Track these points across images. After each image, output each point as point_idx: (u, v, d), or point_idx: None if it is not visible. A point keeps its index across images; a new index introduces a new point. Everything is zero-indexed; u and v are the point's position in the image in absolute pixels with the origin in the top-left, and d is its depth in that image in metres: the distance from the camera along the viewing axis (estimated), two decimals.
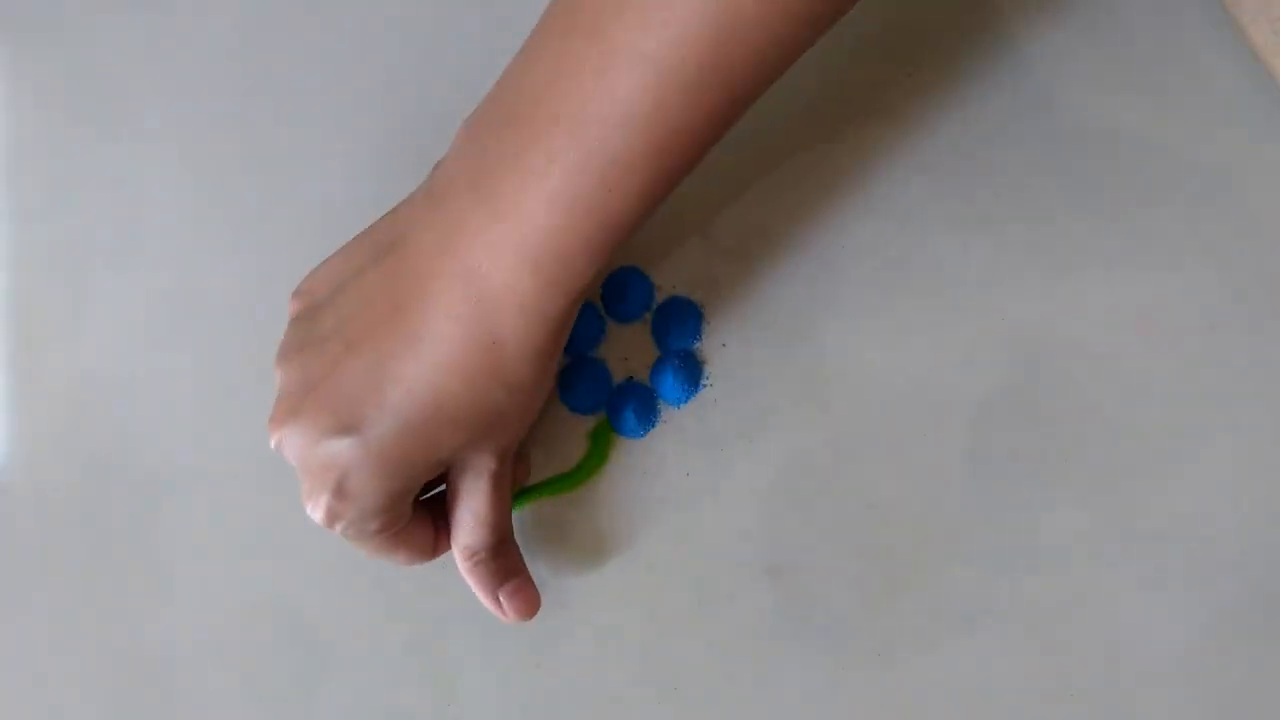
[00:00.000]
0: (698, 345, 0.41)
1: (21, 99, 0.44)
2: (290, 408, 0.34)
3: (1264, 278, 0.41)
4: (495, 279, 0.33)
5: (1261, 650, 0.39)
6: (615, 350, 0.41)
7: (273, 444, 0.35)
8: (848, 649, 0.39)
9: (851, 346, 0.41)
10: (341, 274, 0.36)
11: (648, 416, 0.40)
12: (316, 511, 0.34)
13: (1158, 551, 0.39)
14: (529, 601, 0.38)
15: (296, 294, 0.37)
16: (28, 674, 0.40)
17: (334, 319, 0.35)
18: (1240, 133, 0.42)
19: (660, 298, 0.41)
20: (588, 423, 0.41)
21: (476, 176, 0.33)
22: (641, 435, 0.40)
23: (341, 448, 0.33)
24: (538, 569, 0.40)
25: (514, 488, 0.39)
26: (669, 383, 0.40)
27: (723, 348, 0.41)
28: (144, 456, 0.41)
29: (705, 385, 0.41)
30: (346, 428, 0.33)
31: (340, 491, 0.34)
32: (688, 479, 0.40)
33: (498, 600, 0.37)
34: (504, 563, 0.37)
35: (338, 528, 0.35)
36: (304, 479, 0.35)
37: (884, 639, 0.39)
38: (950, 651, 0.39)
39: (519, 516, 0.40)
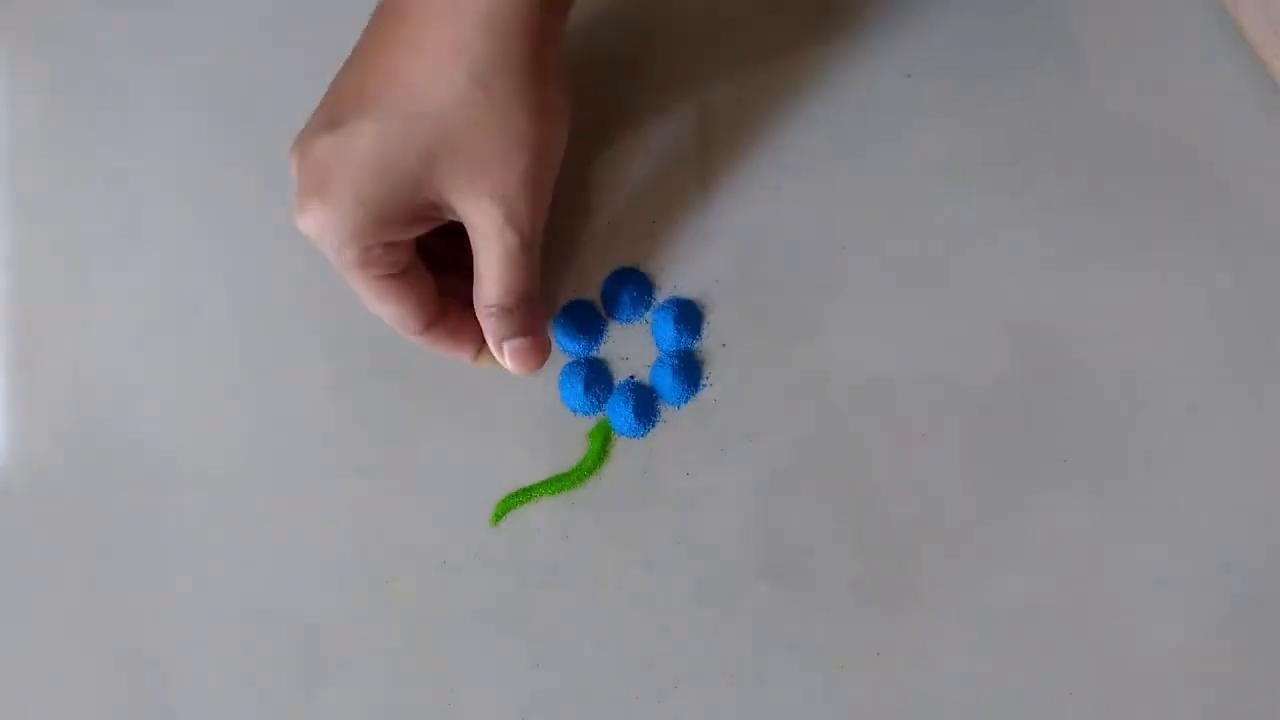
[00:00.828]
0: (698, 345, 0.41)
1: (21, 99, 0.44)
2: (306, 124, 0.35)
3: (1265, 275, 0.41)
4: None
5: (1262, 649, 0.39)
6: (615, 350, 0.41)
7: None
8: (848, 649, 0.39)
9: (851, 346, 0.41)
10: None
11: (648, 416, 0.40)
12: (301, 220, 0.34)
13: (1159, 550, 0.39)
14: (529, 360, 0.38)
15: None
16: (28, 674, 0.40)
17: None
18: (1240, 132, 0.42)
19: (660, 298, 0.41)
20: (588, 423, 0.41)
21: None
22: (641, 435, 0.40)
23: (327, 143, 0.33)
24: (538, 569, 0.40)
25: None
26: (669, 383, 0.40)
27: (723, 348, 0.41)
28: (144, 456, 0.41)
29: (705, 385, 0.41)
30: (332, 123, 0.33)
31: (322, 192, 0.33)
32: (688, 479, 0.40)
33: (501, 351, 0.38)
34: (517, 321, 0.37)
35: (322, 243, 0.34)
36: (296, 187, 0.34)
37: (884, 639, 0.39)
38: (950, 652, 0.39)
39: (519, 516, 0.40)
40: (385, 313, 0.36)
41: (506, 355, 0.38)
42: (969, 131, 0.42)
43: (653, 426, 0.40)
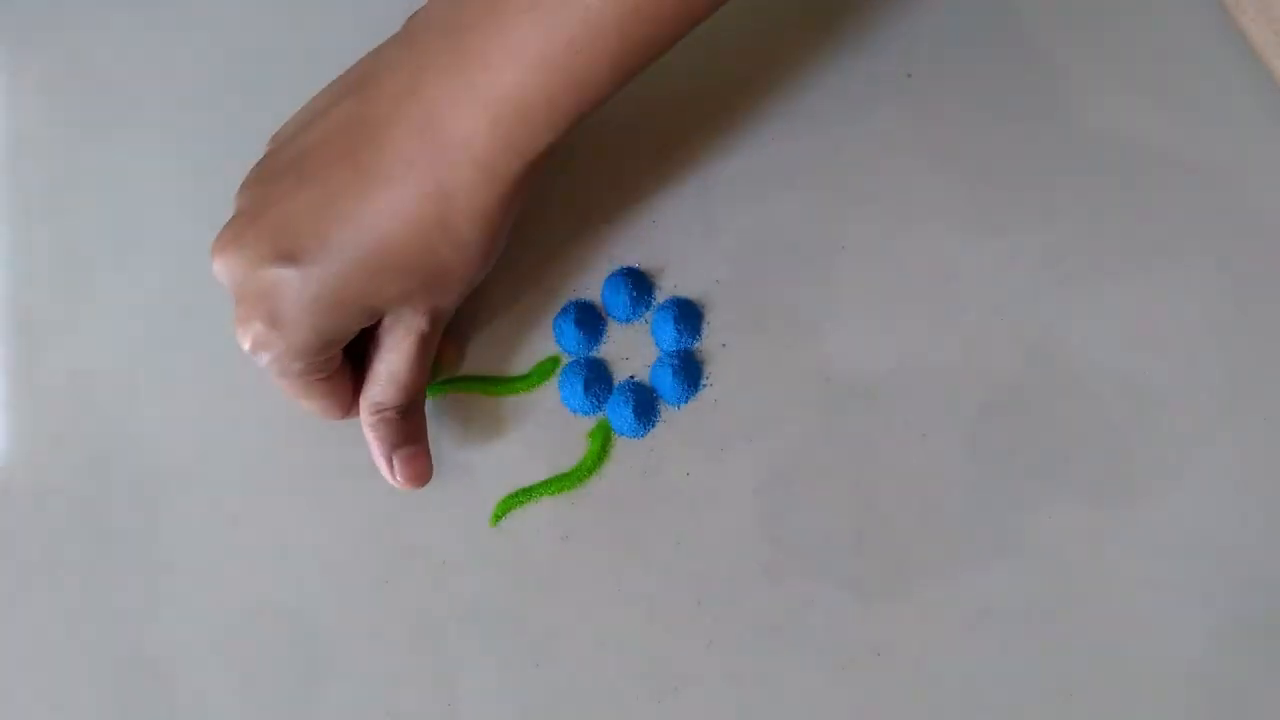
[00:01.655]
0: (698, 345, 0.41)
1: (21, 99, 0.44)
2: (235, 233, 0.35)
3: (1265, 277, 0.41)
4: (454, 129, 0.33)
5: (1261, 649, 0.39)
6: (615, 350, 0.41)
7: (215, 269, 0.35)
8: (848, 649, 0.39)
9: (851, 346, 0.41)
10: (311, 112, 0.36)
11: (648, 416, 0.40)
12: (245, 339, 0.35)
13: (1158, 550, 0.39)
14: (421, 471, 0.38)
15: (273, 136, 0.37)
16: (28, 674, 0.40)
17: (294, 153, 0.35)
18: (1241, 133, 0.42)
19: (660, 298, 0.41)
20: (588, 423, 0.41)
21: (450, 21, 0.34)
22: (641, 435, 0.40)
23: (280, 276, 0.34)
24: (538, 569, 0.40)
25: (443, 366, 0.40)
26: (669, 383, 0.40)
27: (723, 348, 0.41)
28: (144, 456, 0.41)
29: (705, 385, 0.41)
30: (288, 257, 0.34)
31: (273, 320, 0.34)
32: (688, 479, 0.40)
33: (390, 462, 0.38)
34: (406, 426, 0.38)
35: (264, 359, 0.35)
36: (238, 305, 0.35)
37: (884, 639, 0.39)
38: (950, 651, 0.39)
39: (519, 516, 0.40)
40: (312, 406, 0.37)
41: (398, 465, 0.38)
42: (970, 131, 0.42)
43: (653, 426, 0.40)
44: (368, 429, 0.37)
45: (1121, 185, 0.41)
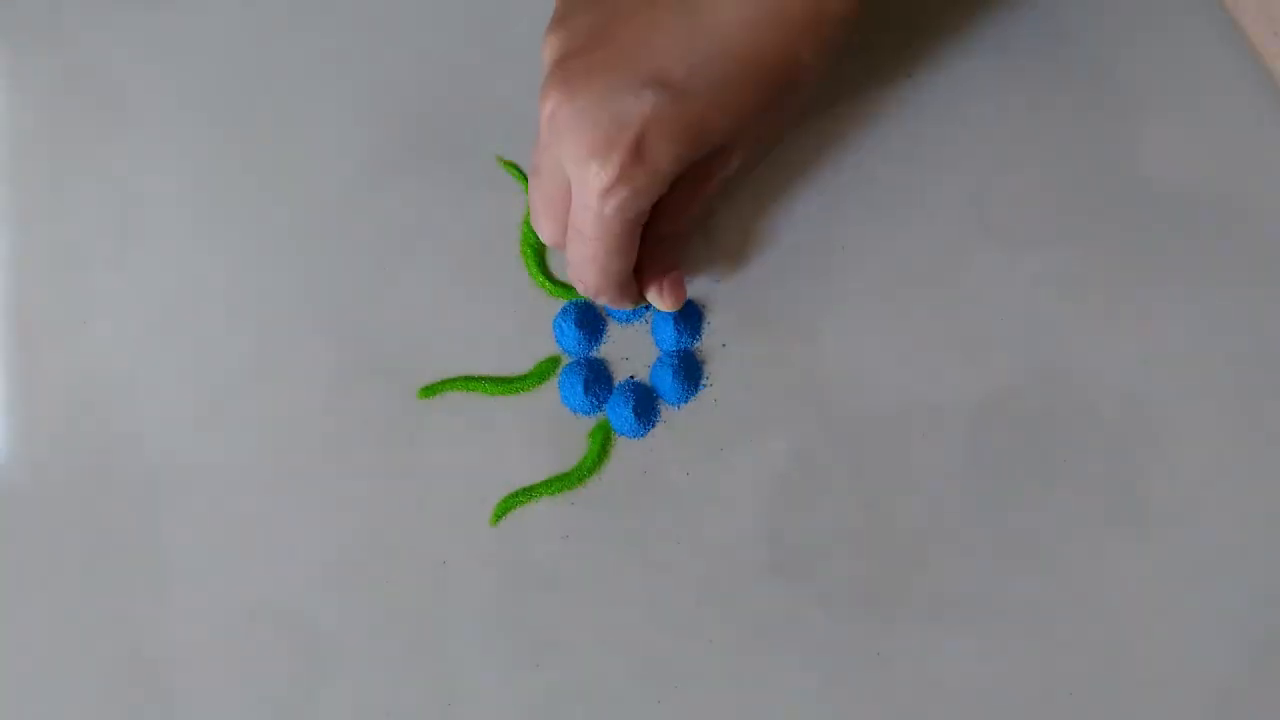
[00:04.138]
0: (698, 345, 0.41)
1: (21, 99, 0.44)
2: (581, 66, 0.32)
3: (1266, 282, 0.41)
4: None
5: (1261, 649, 0.39)
6: (615, 350, 0.41)
7: (545, 111, 0.32)
8: (848, 649, 0.39)
9: (851, 346, 0.41)
10: None
11: (648, 416, 0.40)
12: (607, 171, 0.32)
13: (1159, 552, 0.39)
14: (683, 293, 0.39)
15: None
16: (28, 674, 0.40)
17: None
18: (1240, 135, 0.41)
19: None
20: (588, 423, 0.41)
21: None
22: (641, 435, 0.40)
23: (647, 103, 0.31)
24: (538, 569, 0.40)
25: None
26: (669, 383, 0.40)
27: (723, 348, 0.41)
28: (144, 456, 0.41)
29: (705, 385, 0.41)
30: (654, 81, 0.31)
31: (638, 152, 0.31)
32: (688, 479, 0.40)
33: (661, 286, 0.38)
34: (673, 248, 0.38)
35: (620, 195, 0.32)
36: (591, 139, 0.32)
37: (884, 639, 0.39)
38: (950, 651, 0.39)
39: (519, 516, 0.40)
40: (624, 263, 0.36)
41: (669, 288, 0.38)
42: (970, 131, 0.42)
43: (653, 426, 0.40)
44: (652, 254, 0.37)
45: (1119, 186, 0.41)
